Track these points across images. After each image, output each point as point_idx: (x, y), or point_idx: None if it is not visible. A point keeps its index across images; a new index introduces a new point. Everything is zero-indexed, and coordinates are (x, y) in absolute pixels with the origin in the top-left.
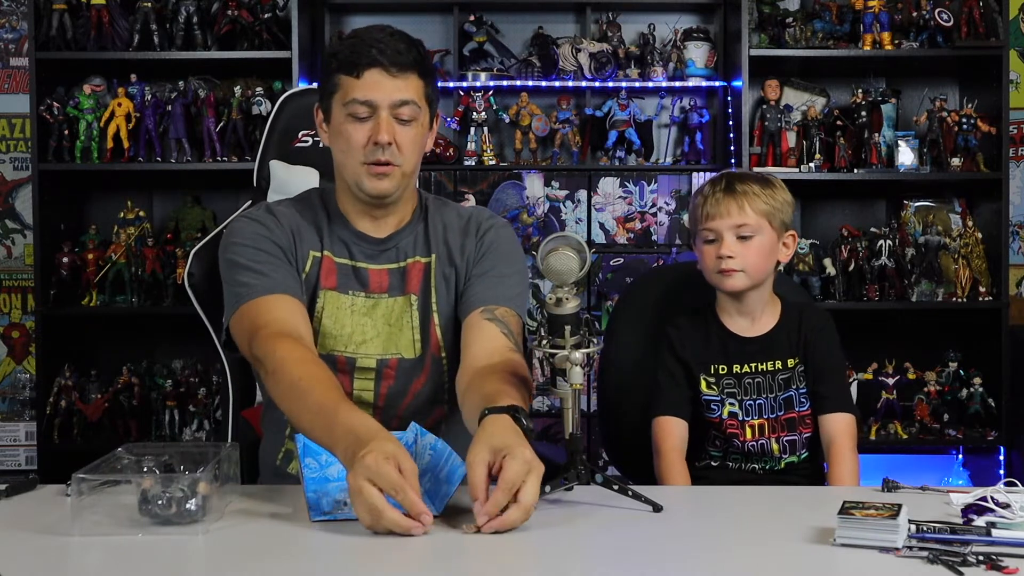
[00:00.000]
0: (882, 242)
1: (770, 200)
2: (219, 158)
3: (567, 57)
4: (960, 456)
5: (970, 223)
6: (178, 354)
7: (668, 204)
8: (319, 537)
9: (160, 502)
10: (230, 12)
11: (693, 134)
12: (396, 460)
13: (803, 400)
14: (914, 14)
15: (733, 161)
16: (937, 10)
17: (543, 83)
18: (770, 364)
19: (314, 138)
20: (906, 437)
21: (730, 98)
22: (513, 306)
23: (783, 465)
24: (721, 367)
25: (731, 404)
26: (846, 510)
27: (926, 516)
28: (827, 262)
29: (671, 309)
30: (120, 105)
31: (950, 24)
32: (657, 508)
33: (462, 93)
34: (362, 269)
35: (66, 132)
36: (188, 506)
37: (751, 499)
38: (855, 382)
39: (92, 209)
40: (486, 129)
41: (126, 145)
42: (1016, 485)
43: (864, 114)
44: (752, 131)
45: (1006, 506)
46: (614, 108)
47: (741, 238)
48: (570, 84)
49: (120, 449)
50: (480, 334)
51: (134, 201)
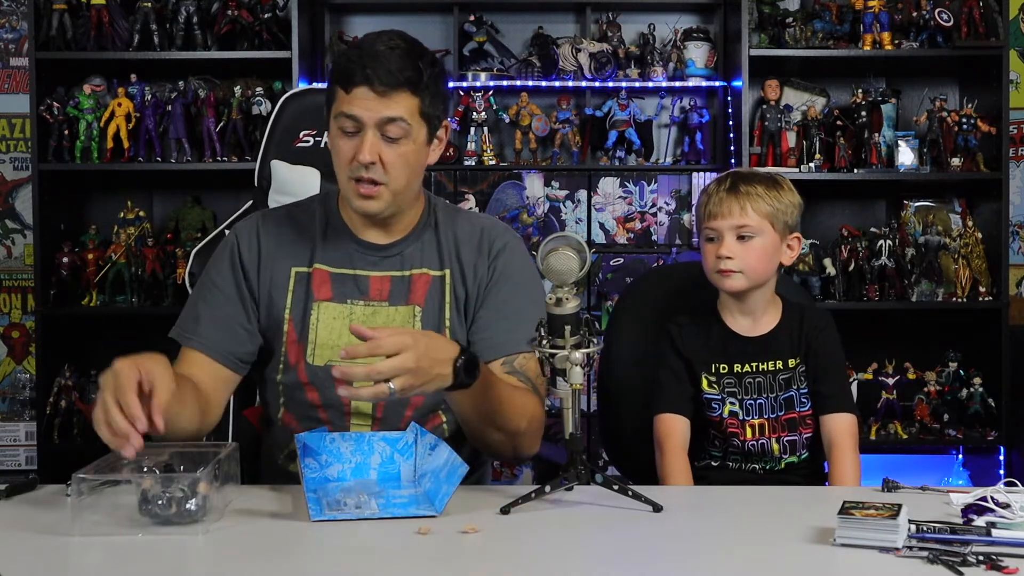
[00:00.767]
0: (882, 242)
1: (774, 201)
2: (219, 158)
3: (567, 57)
4: (960, 456)
5: (970, 223)
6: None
7: (668, 204)
8: (319, 537)
9: (160, 502)
10: (230, 12)
11: (693, 134)
12: (150, 375)
13: (804, 400)
14: (914, 14)
15: (733, 161)
16: (937, 10)
17: (543, 83)
18: (771, 364)
19: (315, 138)
20: (906, 437)
21: (730, 98)
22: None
23: (783, 465)
24: (722, 366)
25: (732, 403)
26: (846, 510)
27: (926, 516)
28: (827, 262)
29: (674, 308)
30: (120, 105)
31: (950, 24)
32: (657, 508)
33: (462, 93)
34: (362, 277)
35: (66, 132)
36: (188, 506)
37: (751, 499)
38: (855, 382)
39: (92, 209)
40: (486, 129)
41: (126, 145)
42: (1016, 485)
43: (864, 114)
44: (752, 131)
45: (1006, 506)
46: (614, 108)
47: (741, 238)
48: (570, 84)
49: None
50: None
51: (134, 201)
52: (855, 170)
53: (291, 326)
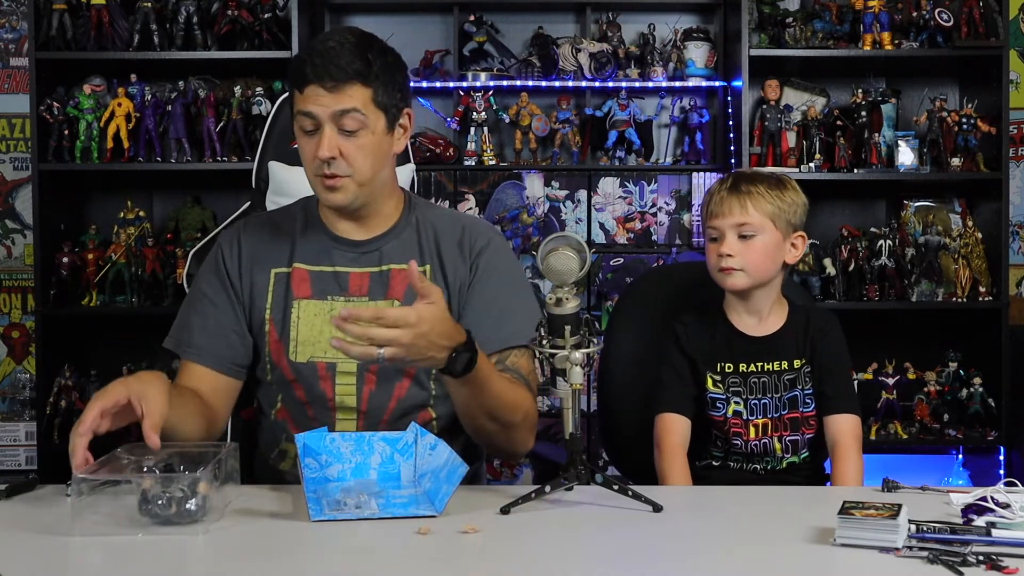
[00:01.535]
0: (882, 242)
1: (776, 201)
2: (219, 158)
3: (567, 57)
4: (960, 456)
5: (970, 223)
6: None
7: (668, 204)
8: (319, 537)
9: (160, 502)
10: (230, 12)
11: (693, 134)
12: (141, 397)
13: (808, 400)
14: (914, 14)
15: (733, 161)
16: (937, 10)
17: (543, 83)
18: (776, 364)
19: None
20: (906, 437)
21: (730, 98)
22: (523, 339)
23: (784, 465)
24: (727, 365)
25: (736, 403)
26: (846, 510)
27: (926, 516)
28: (827, 262)
29: (674, 308)
30: (120, 105)
31: (950, 24)
32: (657, 508)
33: (462, 93)
34: (342, 273)
35: (66, 132)
36: (188, 506)
37: (751, 499)
38: (855, 382)
39: (92, 209)
40: (486, 129)
41: (126, 145)
42: (1016, 485)
43: (864, 114)
44: (752, 131)
45: (1006, 506)
46: (614, 108)
47: (743, 237)
48: (570, 84)
49: (120, 449)
50: None
51: (134, 201)
52: (855, 170)
53: (272, 326)
